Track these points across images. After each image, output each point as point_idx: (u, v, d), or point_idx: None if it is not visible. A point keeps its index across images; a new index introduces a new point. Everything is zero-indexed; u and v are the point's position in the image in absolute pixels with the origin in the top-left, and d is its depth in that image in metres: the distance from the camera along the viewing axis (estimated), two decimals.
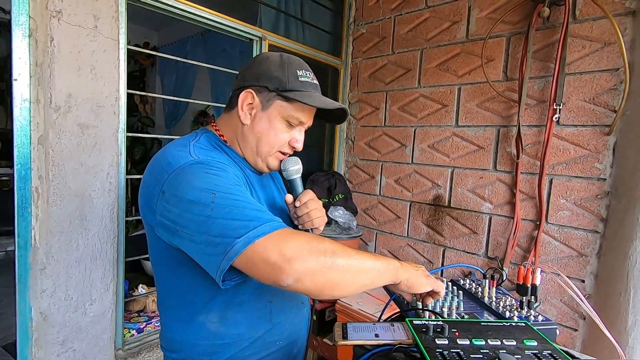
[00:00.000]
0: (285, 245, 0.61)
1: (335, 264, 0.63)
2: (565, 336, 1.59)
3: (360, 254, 0.69)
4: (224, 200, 0.65)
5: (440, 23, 2.02)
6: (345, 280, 0.65)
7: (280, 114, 0.83)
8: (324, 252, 0.63)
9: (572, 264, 1.58)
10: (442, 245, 2.03)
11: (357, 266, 0.66)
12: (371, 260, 0.69)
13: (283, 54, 0.86)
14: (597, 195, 1.52)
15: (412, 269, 0.75)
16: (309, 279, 0.62)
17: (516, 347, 0.61)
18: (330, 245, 0.66)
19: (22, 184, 1.23)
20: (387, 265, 0.71)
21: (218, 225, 0.63)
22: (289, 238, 0.63)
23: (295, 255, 0.60)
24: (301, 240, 0.63)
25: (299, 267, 0.60)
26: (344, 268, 0.64)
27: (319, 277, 0.62)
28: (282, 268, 0.60)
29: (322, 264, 0.62)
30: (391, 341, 0.68)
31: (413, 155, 2.16)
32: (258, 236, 0.61)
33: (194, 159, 0.73)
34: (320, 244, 0.65)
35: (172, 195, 0.69)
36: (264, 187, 0.94)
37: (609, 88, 1.48)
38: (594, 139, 1.53)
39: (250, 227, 0.62)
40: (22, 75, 1.20)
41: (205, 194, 0.65)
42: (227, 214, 0.63)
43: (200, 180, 0.68)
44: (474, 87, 1.89)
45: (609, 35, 1.47)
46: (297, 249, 0.61)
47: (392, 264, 0.72)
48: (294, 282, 0.60)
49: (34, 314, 1.29)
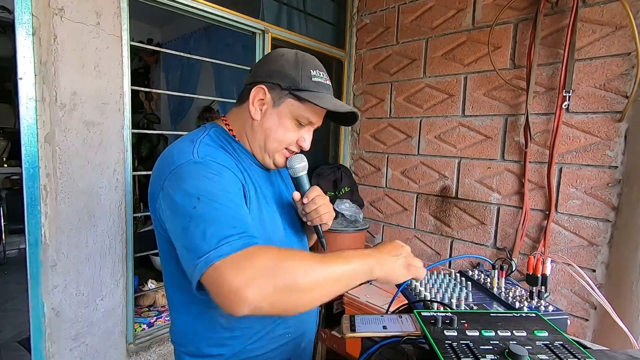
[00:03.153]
0: (240, 272, 0.57)
1: (295, 286, 0.59)
2: (576, 326, 1.58)
3: (329, 261, 0.64)
4: (204, 209, 0.64)
5: (445, 11, 1.99)
6: (309, 298, 0.62)
7: (290, 113, 0.82)
8: (283, 274, 0.59)
9: (583, 253, 1.56)
10: (450, 236, 2.02)
11: (322, 279, 0.62)
12: (341, 266, 0.65)
13: (298, 52, 0.85)
14: (608, 183, 1.49)
15: (390, 260, 0.71)
16: (268, 306, 0.58)
17: (527, 337, 0.61)
18: (293, 262, 0.61)
19: (30, 182, 1.24)
20: (360, 266, 0.67)
21: (191, 238, 0.63)
22: (245, 262, 0.59)
23: (249, 283, 0.56)
24: (258, 264, 0.59)
25: (254, 296, 0.56)
26: (306, 287, 0.60)
27: (279, 302, 0.59)
28: (233, 299, 0.57)
29: (281, 288, 0.58)
30: (399, 333, 0.68)
31: (419, 147, 2.13)
32: (216, 258, 0.59)
33: (193, 158, 0.73)
34: (279, 263, 0.60)
35: (167, 194, 0.71)
36: (272, 182, 0.94)
37: (620, 73, 1.45)
38: (604, 126, 1.50)
39: (213, 247, 0.60)
40: (27, 74, 1.20)
41: (190, 200, 0.66)
42: (200, 227, 0.63)
43: (190, 182, 0.68)
44: (480, 75, 1.86)
45: (620, 18, 1.43)
46: (253, 275, 0.57)
47: (366, 262, 0.68)
48: (251, 311, 0.57)
49: (46, 310, 1.31)
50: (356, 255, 0.68)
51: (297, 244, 0.94)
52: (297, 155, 0.90)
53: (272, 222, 0.86)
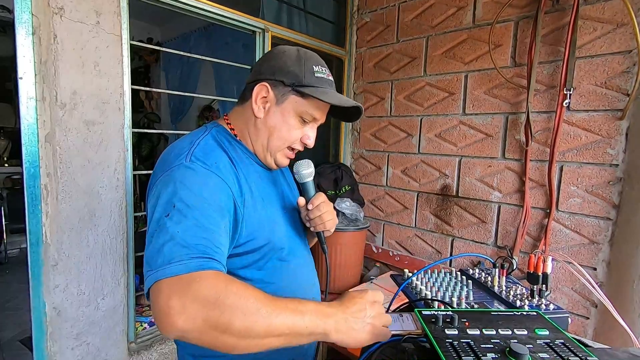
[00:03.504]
0: (178, 295, 0.55)
1: (228, 327, 0.55)
2: (577, 324, 1.58)
3: (279, 310, 0.58)
4: (173, 220, 0.64)
5: (445, 9, 1.98)
6: (242, 344, 0.57)
7: (294, 110, 0.82)
8: (220, 311, 0.55)
9: (584, 251, 1.56)
10: (451, 235, 2.02)
11: (261, 329, 0.57)
12: (291, 319, 0.59)
13: (300, 48, 0.85)
14: (609, 181, 1.49)
15: (353, 323, 0.64)
16: (195, 338, 0.56)
17: (527, 336, 0.61)
18: (237, 301, 0.57)
19: (31, 181, 1.24)
20: (313, 325, 0.61)
21: (151, 248, 0.63)
22: (189, 286, 0.56)
23: (181, 310, 0.54)
24: (199, 292, 0.56)
25: (182, 324, 0.54)
26: (240, 332, 0.56)
27: (207, 338, 0.56)
28: (163, 320, 0.55)
29: (211, 324, 0.55)
30: (400, 331, 0.68)
31: (420, 145, 2.13)
32: (162, 276, 0.58)
33: (185, 162, 0.73)
34: (222, 298, 0.56)
35: (153, 195, 0.72)
36: (274, 182, 0.94)
37: (622, 71, 1.44)
38: (605, 124, 1.49)
39: (165, 262, 0.59)
40: (27, 74, 1.20)
41: (166, 207, 0.66)
42: (161, 239, 0.62)
43: (172, 188, 0.68)
44: (481, 74, 1.86)
45: (622, 16, 1.42)
46: (188, 303, 0.55)
47: (323, 323, 0.61)
48: (178, 337, 0.57)
49: (48, 309, 1.31)
50: (314, 311, 0.62)
51: (300, 244, 0.94)
52: (305, 161, 0.91)
53: (273, 222, 0.86)
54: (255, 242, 0.80)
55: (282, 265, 0.86)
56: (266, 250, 0.82)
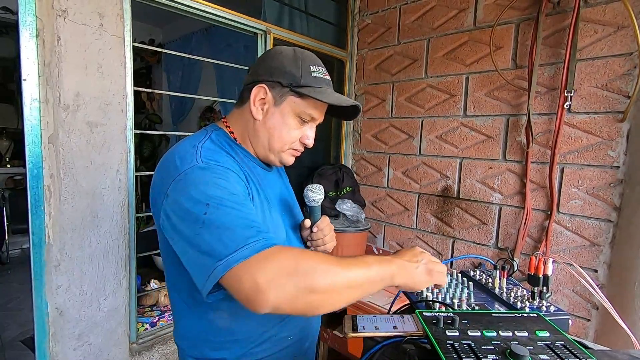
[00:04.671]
0: (261, 272, 0.58)
1: (317, 286, 0.60)
2: (578, 326, 1.58)
3: (350, 265, 0.64)
4: (215, 215, 0.64)
5: (446, 11, 1.99)
6: (329, 300, 0.62)
7: (292, 110, 0.82)
8: (305, 274, 0.59)
9: (585, 253, 1.56)
10: (452, 236, 2.02)
11: (342, 283, 0.62)
12: (362, 271, 0.65)
13: (296, 48, 0.85)
14: (610, 183, 1.49)
15: (411, 266, 0.71)
16: (288, 306, 0.59)
17: (528, 337, 0.61)
18: (313, 263, 0.61)
19: (34, 182, 1.25)
20: (380, 272, 0.67)
21: (205, 243, 0.63)
22: (267, 262, 0.59)
23: (269, 285, 0.57)
24: (279, 264, 0.59)
25: (274, 297, 0.57)
26: (326, 289, 0.61)
27: (299, 302, 0.60)
28: (255, 299, 0.58)
29: (301, 289, 0.59)
30: (401, 333, 0.68)
31: (421, 147, 2.14)
32: (237, 260, 0.59)
33: (197, 163, 0.72)
34: (300, 264, 0.60)
35: (173, 201, 0.69)
36: (274, 184, 0.94)
37: (622, 73, 1.45)
38: (606, 126, 1.49)
39: (232, 250, 0.60)
40: (30, 75, 1.21)
41: (199, 206, 0.65)
42: (215, 232, 0.63)
43: (196, 189, 0.67)
44: (482, 75, 1.86)
45: (622, 18, 1.43)
46: (273, 276, 0.58)
47: (387, 268, 0.68)
48: (272, 310, 0.58)
49: (50, 310, 1.32)
50: (376, 261, 0.68)
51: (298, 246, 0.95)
52: (317, 186, 0.94)
53: (275, 225, 0.86)
54: None
55: None
56: None
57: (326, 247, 0.94)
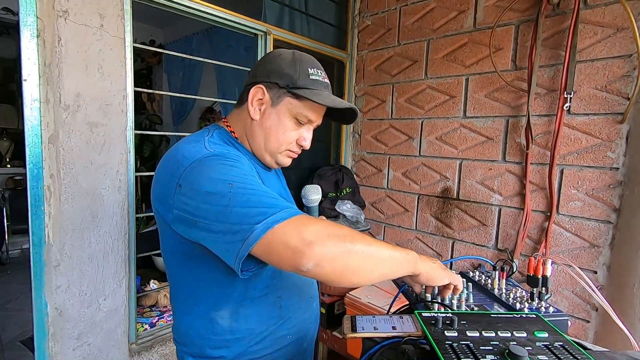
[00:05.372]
0: (305, 229, 0.61)
1: (354, 250, 0.62)
2: (577, 327, 1.58)
3: (379, 243, 0.68)
4: (241, 190, 0.65)
5: (446, 12, 1.99)
6: (365, 267, 0.65)
7: (289, 111, 0.83)
8: (344, 237, 0.63)
9: (584, 255, 1.56)
10: (451, 237, 2.02)
11: (376, 254, 0.66)
12: (390, 250, 0.68)
13: (295, 51, 0.86)
14: (609, 185, 1.49)
15: (429, 261, 0.75)
16: (329, 264, 0.61)
17: (527, 338, 0.61)
18: (350, 231, 0.65)
19: (34, 182, 1.25)
20: (405, 256, 0.70)
21: (236, 214, 0.62)
22: (307, 223, 0.62)
23: (314, 239, 0.60)
24: (320, 225, 0.63)
25: (319, 251, 0.59)
26: (364, 255, 0.63)
27: (339, 261, 0.62)
28: (302, 252, 0.59)
29: (341, 248, 0.62)
30: (400, 333, 0.68)
31: (420, 148, 2.14)
32: (277, 221, 0.60)
33: (210, 151, 0.73)
34: (339, 229, 0.64)
35: (189, 189, 0.68)
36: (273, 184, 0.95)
37: (622, 75, 1.45)
38: (606, 127, 1.50)
39: (269, 214, 0.61)
40: (31, 76, 1.21)
41: (222, 185, 0.65)
42: (245, 203, 0.63)
43: (217, 171, 0.68)
44: (482, 77, 1.86)
45: (622, 20, 1.43)
46: (317, 233, 0.61)
47: (411, 254, 0.72)
48: (313, 266, 0.59)
49: (49, 310, 1.32)
50: (399, 247, 0.71)
51: None
52: (314, 186, 0.94)
53: None
54: None
55: None
56: None
57: None
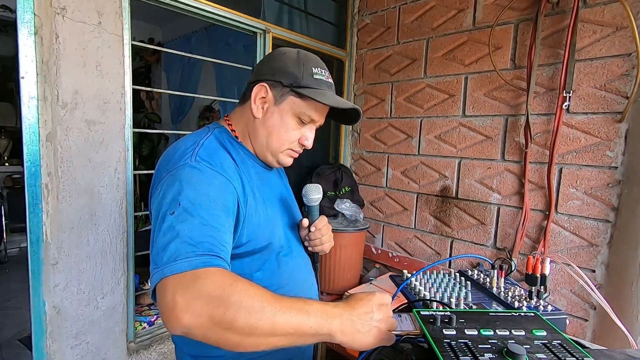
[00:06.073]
0: (183, 291, 0.56)
1: (232, 325, 0.55)
2: (575, 326, 1.58)
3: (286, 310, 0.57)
4: (178, 218, 0.64)
5: (446, 11, 1.99)
6: (246, 342, 0.56)
7: (292, 110, 0.82)
8: (224, 308, 0.55)
9: (583, 253, 1.56)
10: (450, 236, 2.02)
11: (265, 328, 0.56)
12: (297, 319, 0.58)
13: (300, 50, 0.86)
14: (608, 184, 1.49)
15: (359, 324, 0.62)
16: (200, 335, 0.56)
17: (525, 337, 0.61)
18: (241, 299, 0.56)
19: (32, 180, 1.25)
20: (319, 325, 0.59)
21: (157, 245, 0.63)
22: (194, 283, 0.56)
23: (187, 307, 0.54)
24: (204, 289, 0.56)
25: (188, 321, 0.54)
26: (244, 330, 0.55)
27: (211, 335, 0.56)
28: (170, 316, 0.55)
29: (215, 322, 0.54)
30: (398, 332, 0.68)
31: (419, 147, 2.14)
32: (171, 272, 0.58)
33: (190, 162, 0.73)
34: (226, 295, 0.56)
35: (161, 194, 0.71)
36: (274, 183, 0.95)
37: (621, 74, 1.45)
38: (605, 126, 1.50)
39: (172, 260, 0.59)
40: (29, 73, 1.21)
41: (171, 205, 0.66)
42: (167, 237, 0.63)
43: (178, 187, 0.69)
44: (481, 76, 1.86)
45: (621, 19, 1.43)
46: (192, 299, 0.55)
47: (328, 323, 0.60)
48: (183, 334, 0.56)
49: (47, 308, 1.31)
50: (320, 312, 0.60)
51: (297, 245, 0.95)
52: (315, 185, 0.93)
53: (273, 225, 0.87)
54: (256, 242, 0.81)
55: (281, 265, 0.86)
56: (266, 251, 0.83)
57: (323, 246, 0.94)
